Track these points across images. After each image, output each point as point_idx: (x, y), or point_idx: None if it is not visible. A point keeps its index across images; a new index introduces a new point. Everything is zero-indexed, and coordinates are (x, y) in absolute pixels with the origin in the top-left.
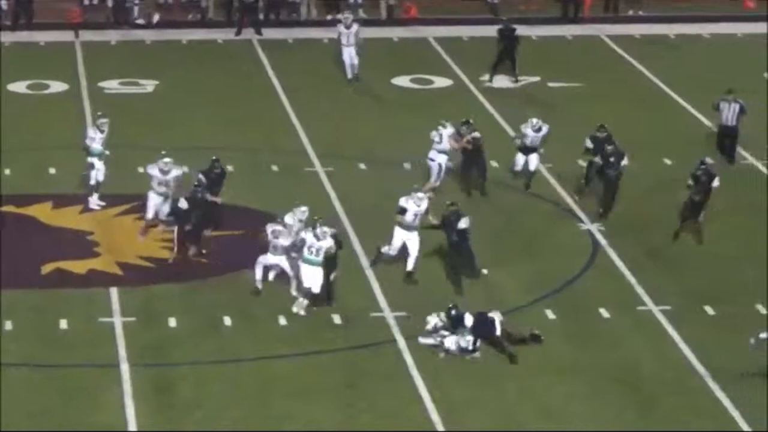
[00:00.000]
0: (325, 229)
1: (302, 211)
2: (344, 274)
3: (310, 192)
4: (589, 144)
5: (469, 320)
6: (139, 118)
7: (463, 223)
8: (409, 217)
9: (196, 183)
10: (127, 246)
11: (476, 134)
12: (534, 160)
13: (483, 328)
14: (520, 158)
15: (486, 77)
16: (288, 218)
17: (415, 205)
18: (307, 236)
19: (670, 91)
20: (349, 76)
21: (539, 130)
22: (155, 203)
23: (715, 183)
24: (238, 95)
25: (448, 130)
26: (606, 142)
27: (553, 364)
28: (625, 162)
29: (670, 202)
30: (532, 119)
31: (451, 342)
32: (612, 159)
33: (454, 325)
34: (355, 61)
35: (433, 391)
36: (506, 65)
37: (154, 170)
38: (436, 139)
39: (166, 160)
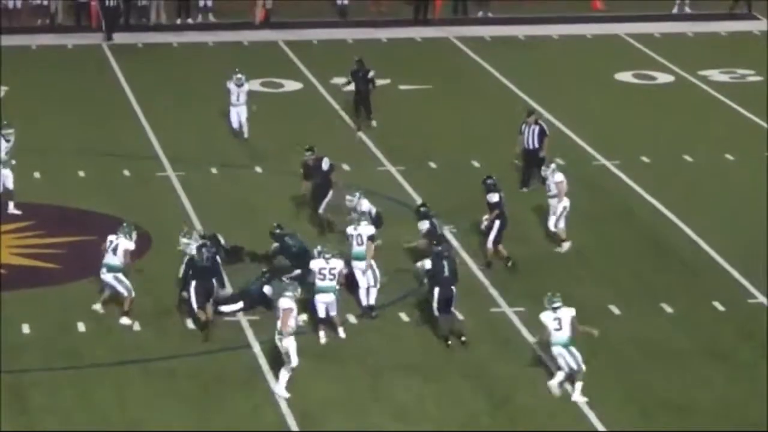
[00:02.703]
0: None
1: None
2: None
3: (162, 197)
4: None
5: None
6: None
7: None
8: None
9: None
10: None
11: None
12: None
13: None
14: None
15: (336, 80)
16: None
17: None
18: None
19: (519, 91)
20: (241, 134)
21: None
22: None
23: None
24: (89, 100)
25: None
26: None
27: (404, 362)
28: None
29: (528, 205)
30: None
31: None
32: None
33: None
34: (243, 118)
35: (289, 394)
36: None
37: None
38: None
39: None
